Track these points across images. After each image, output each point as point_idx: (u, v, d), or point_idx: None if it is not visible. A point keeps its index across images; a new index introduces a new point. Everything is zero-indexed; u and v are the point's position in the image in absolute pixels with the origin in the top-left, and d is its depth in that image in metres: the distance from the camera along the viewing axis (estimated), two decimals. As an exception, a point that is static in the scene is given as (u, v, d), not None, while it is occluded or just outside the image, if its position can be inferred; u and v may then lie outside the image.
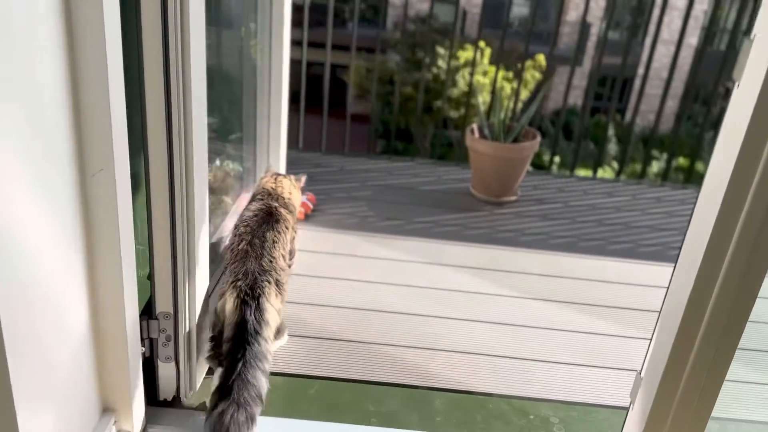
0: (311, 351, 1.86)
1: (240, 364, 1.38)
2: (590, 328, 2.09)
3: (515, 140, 3.08)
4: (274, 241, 1.63)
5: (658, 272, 2.48)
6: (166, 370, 1.55)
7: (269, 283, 1.53)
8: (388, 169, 3.36)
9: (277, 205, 1.76)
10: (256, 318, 1.45)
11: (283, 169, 2.53)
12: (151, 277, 1.46)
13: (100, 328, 1.33)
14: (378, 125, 10.94)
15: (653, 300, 2.28)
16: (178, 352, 1.53)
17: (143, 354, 1.50)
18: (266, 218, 1.69)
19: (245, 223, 1.67)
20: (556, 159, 8.25)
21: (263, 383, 1.41)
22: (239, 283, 1.51)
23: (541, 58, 8.14)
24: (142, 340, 1.49)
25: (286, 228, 1.73)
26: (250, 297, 1.48)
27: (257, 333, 1.44)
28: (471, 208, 2.95)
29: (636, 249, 2.69)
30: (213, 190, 1.90)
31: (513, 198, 3.07)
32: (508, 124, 3.15)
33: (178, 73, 1.29)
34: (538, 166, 7.10)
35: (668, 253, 2.66)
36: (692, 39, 10.76)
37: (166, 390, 1.58)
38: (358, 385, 1.74)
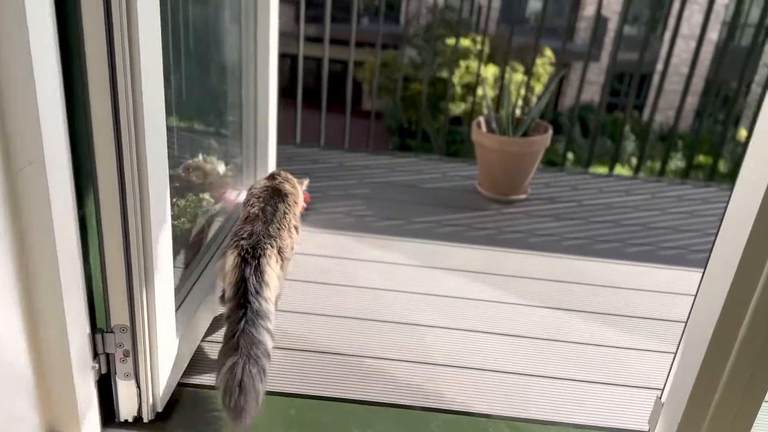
0: (292, 365, 1.70)
1: (243, 322, 1.39)
2: (604, 339, 1.91)
3: (525, 134, 2.89)
4: (285, 212, 1.69)
5: (679, 277, 2.32)
6: (125, 388, 1.40)
7: (272, 247, 1.55)
8: (390, 165, 3.19)
9: (280, 179, 1.82)
10: (256, 277, 1.46)
11: (272, 165, 2.38)
12: (104, 285, 1.30)
13: (40, 342, 1.18)
14: (391, 122, 10.81)
15: (674, 308, 2.11)
16: (138, 368, 1.38)
17: (98, 371, 1.35)
18: (276, 192, 1.75)
19: (257, 196, 1.72)
20: (570, 155, 8.03)
21: (268, 339, 1.42)
22: (242, 242, 1.53)
23: (546, 50, 7.98)
24: (96, 355, 1.34)
25: (295, 203, 1.78)
26: (251, 256, 1.49)
27: (257, 293, 1.44)
28: (477, 207, 2.78)
29: (655, 252, 2.52)
30: (192, 187, 1.78)
31: (522, 196, 2.88)
32: (518, 117, 2.96)
33: (125, 52, 1.12)
34: (551, 162, 6.89)
35: (690, 257, 2.49)
36: (713, 34, 10.49)
37: (126, 410, 1.43)
38: (343, 405, 1.58)
